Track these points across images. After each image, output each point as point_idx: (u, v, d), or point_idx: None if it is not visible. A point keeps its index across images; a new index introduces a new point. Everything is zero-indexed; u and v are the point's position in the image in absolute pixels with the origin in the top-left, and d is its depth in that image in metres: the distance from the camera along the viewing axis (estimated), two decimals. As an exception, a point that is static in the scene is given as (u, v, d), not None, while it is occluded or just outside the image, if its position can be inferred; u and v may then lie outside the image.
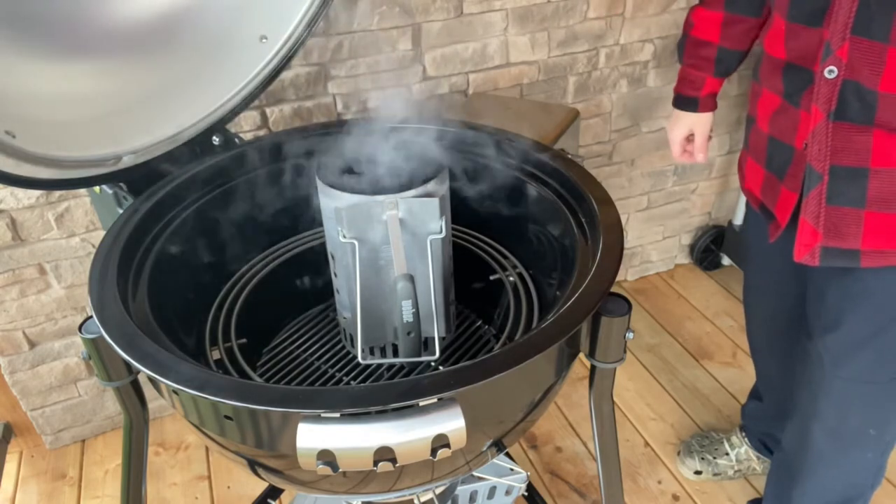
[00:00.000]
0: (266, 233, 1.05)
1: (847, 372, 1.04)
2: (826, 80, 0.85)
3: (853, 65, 0.82)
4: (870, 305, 0.98)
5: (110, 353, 0.72)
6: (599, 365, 0.79)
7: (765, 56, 0.99)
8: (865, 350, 1.01)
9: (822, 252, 0.93)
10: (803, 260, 0.95)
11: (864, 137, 0.85)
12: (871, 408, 1.08)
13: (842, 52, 0.82)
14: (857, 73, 0.82)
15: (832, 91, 0.85)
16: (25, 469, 1.66)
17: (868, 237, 0.90)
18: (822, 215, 0.91)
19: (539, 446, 1.66)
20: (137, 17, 0.90)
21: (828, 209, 0.90)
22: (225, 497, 1.57)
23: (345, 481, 0.72)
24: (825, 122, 0.86)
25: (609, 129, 1.84)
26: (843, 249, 0.92)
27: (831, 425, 1.12)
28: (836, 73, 0.84)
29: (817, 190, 0.90)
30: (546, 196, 0.95)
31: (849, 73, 0.83)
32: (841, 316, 1.01)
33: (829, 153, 0.87)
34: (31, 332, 1.51)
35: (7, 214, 1.36)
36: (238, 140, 1.04)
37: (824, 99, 0.86)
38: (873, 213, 0.88)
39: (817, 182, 0.90)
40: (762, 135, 1.01)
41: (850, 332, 1.01)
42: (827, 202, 0.90)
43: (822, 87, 0.86)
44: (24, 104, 0.79)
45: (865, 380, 1.04)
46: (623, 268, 2.17)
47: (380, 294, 0.86)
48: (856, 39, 0.81)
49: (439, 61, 1.54)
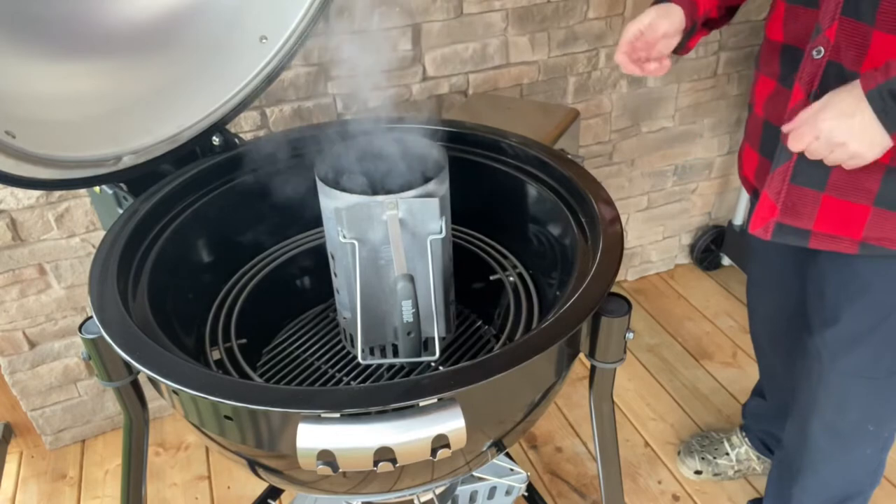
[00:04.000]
0: (266, 233, 1.05)
1: (845, 367, 1.05)
2: (812, 59, 0.86)
3: (839, 45, 0.83)
4: (867, 300, 0.99)
5: (110, 353, 0.72)
6: (599, 365, 0.79)
7: (765, 40, 1.00)
8: (863, 345, 1.02)
9: (775, 227, 0.96)
10: (756, 233, 0.98)
11: None
12: (870, 403, 1.09)
13: (830, 32, 0.83)
14: (843, 54, 0.83)
15: (816, 71, 0.86)
16: (25, 469, 1.66)
17: (821, 220, 0.93)
18: (783, 192, 0.93)
19: (539, 446, 1.66)
20: (137, 18, 0.90)
21: (790, 187, 0.93)
22: (225, 497, 1.57)
23: (345, 481, 0.72)
24: (804, 102, 0.87)
25: (609, 129, 1.84)
26: (796, 228, 0.95)
27: (830, 421, 1.12)
28: (823, 53, 0.84)
29: (784, 167, 0.92)
30: (546, 196, 0.95)
31: (834, 55, 0.84)
32: (839, 311, 1.02)
33: None
34: (31, 332, 1.51)
35: (7, 214, 1.36)
36: (238, 140, 1.04)
37: (807, 79, 0.87)
38: (831, 197, 0.91)
39: (786, 159, 0.92)
40: (758, 119, 1.02)
41: (848, 327, 1.02)
42: (791, 180, 0.92)
43: (808, 66, 0.87)
44: (24, 104, 0.79)
45: (864, 375, 1.05)
46: (623, 268, 2.17)
47: (380, 294, 0.86)
48: (844, 20, 0.82)
49: (439, 61, 1.54)
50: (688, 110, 1.92)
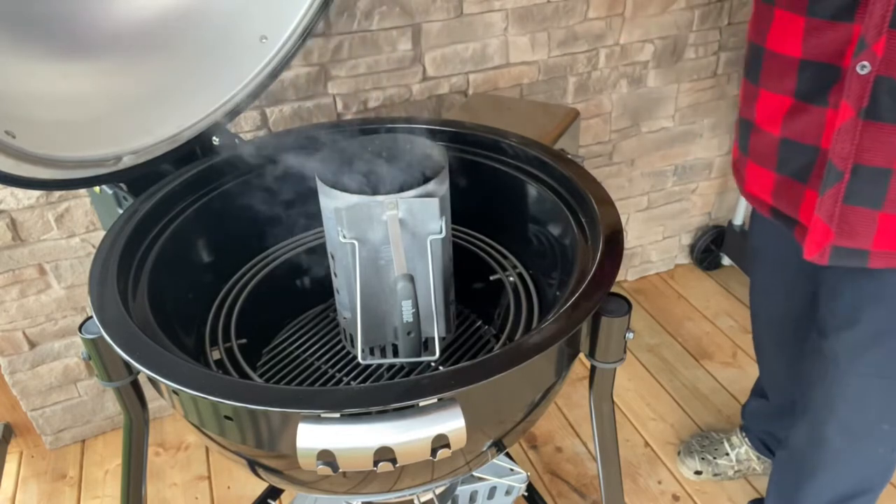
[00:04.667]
0: (266, 233, 1.05)
1: (863, 368, 1.04)
2: (858, 76, 0.82)
3: (889, 59, 0.79)
4: (885, 303, 0.98)
5: (110, 353, 0.72)
6: (599, 365, 0.79)
7: (766, 53, 0.95)
8: (881, 346, 1.01)
9: (832, 251, 0.93)
10: (813, 259, 0.95)
11: (893, 138, 0.83)
12: (887, 403, 1.08)
13: (878, 46, 0.79)
14: (894, 68, 0.79)
15: (864, 88, 0.82)
16: (25, 469, 1.66)
17: (880, 238, 0.90)
18: (836, 214, 0.90)
19: (539, 446, 1.66)
20: (137, 17, 0.90)
21: (843, 208, 0.89)
22: (225, 497, 1.57)
23: (345, 481, 0.72)
24: (854, 120, 0.84)
25: (609, 129, 1.84)
26: (852, 249, 0.92)
27: (846, 422, 1.12)
28: (870, 68, 0.81)
29: (835, 188, 0.89)
30: (546, 196, 0.95)
31: (883, 69, 0.80)
32: (856, 314, 1.01)
33: (854, 151, 0.86)
34: (31, 332, 1.51)
35: (7, 214, 1.36)
36: (238, 140, 1.04)
37: (856, 96, 0.83)
38: (888, 214, 0.88)
39: (836, 180, 0.88)
40: (771, 138, 0.98)
41: (866, 330, 1.01)
42: (844, 201, 0.89)
43: (854, 83, 0.83)
44: (24, 104, 0.79)
45: (881, 375, 1.04)
46: (623, 268, 2.17)
47: (380, 294, 0.86)
48: (894, 34, 0.78)
49: (439, 61, 1.54)
50: (688, 110, 1.92)
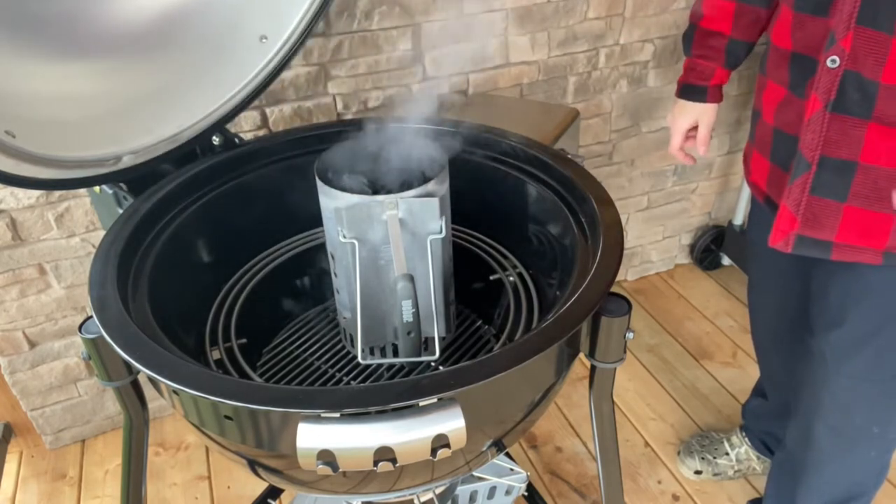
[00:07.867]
0: (266, 233, 1.05)
1: (849, 370, 1.04)
2: (828, 69, 0.85)
3: (856, 55, 0.82)
4: (872, 303, 0.99)
5: (110, 353, 0.72)
6: (599, 365, 0.79)
7: (771, 47, 0.99)
8: (867, 347, 1.02)
9: (796, 240, 0.95)
10: (777, 245, 0.97)
11: (858, 132, 0.85)
12: (875, 406, 1.08)
13: (845, 41, 0.82)
14: (860, 63, 0.82)
15: (832, 81, 0.85)
16: (25, 469, 1.66)
17: (843, 231, 0.92)
18: (803, 203, 0.92)
19: (539, 446, 1.66)
20: (137, 18, 0.90)
21: (809, 198, 0.92)
22: (225, 497, 1.57)
23: (345, 481, 0.72)
24: (822, 112, 0.86)
25: (609, 129, 1.84)
26: (816, 240, 0.94)
27: (834, 423, 1.12)
28: (839, 62, 0.83)
29: (803, 178, 0.91)
30: (546, 196, 0.95)
31: (851, 64, 0.83)
32: (843, 313, 1.01)
33: (821, 143, 0.88)
34: (31, 332, 1.51)
35: (7, 214, 1.36)
36: (238, 140, 1.04)
37: (824, 89, 0.86)
38: (853, 207, 0.90)
39: (804, 171, 0.91)
40: (767, 127, 1.01)
41: (852, 330, 1.01)
42: (810, 192, 0.91)
43: (824, 76, 0.86)
44: (24, 104, 0.79)
45: (869, 377, 1.04)
46: (623, 268, 2.17)
47: (380, 294, 0.86)
48: (860, 29, 0.80)
49: (439, 61, 1.54)
50: (688, 110, 1.91)
